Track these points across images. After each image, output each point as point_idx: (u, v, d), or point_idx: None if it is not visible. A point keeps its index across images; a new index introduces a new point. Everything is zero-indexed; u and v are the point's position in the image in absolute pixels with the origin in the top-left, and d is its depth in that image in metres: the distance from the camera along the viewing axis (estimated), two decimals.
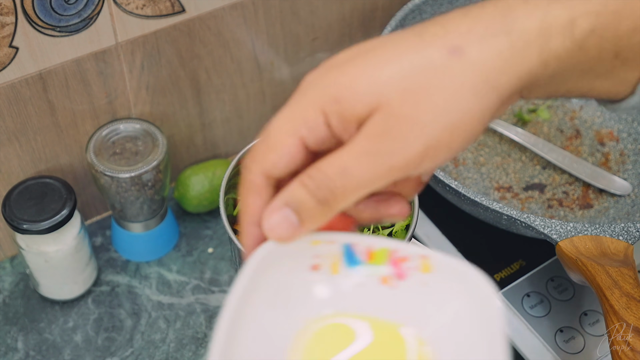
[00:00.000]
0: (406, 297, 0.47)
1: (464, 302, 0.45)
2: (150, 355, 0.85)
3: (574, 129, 0.98)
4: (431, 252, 0.46)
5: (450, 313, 0.46)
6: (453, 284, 0.46)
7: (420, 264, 0.46)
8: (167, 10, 0.81)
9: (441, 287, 0.46)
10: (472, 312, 0.45)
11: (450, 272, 0.46)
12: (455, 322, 0.46)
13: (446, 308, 0.46)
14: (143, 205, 0.87)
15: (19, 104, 0.80)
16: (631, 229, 0.75)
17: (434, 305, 0.47)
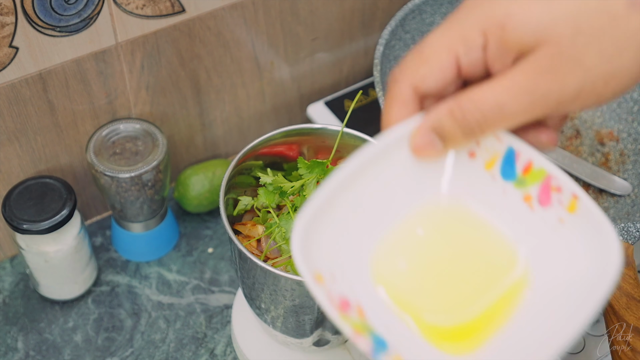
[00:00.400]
0: (537, 224, 0.47)
1: (587, 257, 0.45)
2: (150, 355, 0.85)
3: (574, 129, 0.98)
4: (584, 195, 0.45)
5: (569, 260, 0.46)
6: (587, 235, 0.45)
7: (569, 201, 0.46)
8: (167, 10, 0.81)
9: (575, 232, 0.46)
10: (589, 270, 0.44)
11: (592, 223, 0.45)
12: (569, 271, 0.46)
13: (568, 253, 0.46)
14: (143, 205, 0.87)
15: (19, 104, 0.80)
16: (631, 229, 0.75)
17: (559, 245, 0.47)
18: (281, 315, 0.71)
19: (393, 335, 0.46)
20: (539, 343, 0.45)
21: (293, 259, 0.47)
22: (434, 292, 0.48)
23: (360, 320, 0.46)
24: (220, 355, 0.86)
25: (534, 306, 0.46)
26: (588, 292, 0.44)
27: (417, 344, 0.47)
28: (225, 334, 0.87)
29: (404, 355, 0.45)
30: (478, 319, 0.47)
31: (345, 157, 0.76)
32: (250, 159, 0.74)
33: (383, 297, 0.48)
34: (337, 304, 0.45)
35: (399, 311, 0.48)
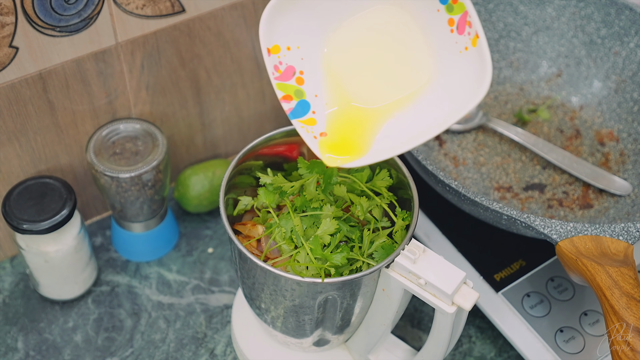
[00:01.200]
0: (451, 44, 0.61)
1: (470, 79, 0.60)
2: (150, 355, 0.85)
3: (574, 129, 0.98)
4: (484, 36, 0.58)
5: (460, 78, 0.61)
6: (476, 65, 0.59)
7: (474, 36, 0.59)
8: (167, 10, 0.81)
9: (470, 60, 0.60)
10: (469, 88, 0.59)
11: (481, 57, 0.59)
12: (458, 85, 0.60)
13: (461, 73, 0.60)
14: (143, 205, 0.87)
15: (19, 104, 0.80)
16: (631, 229, 0.75)
17: (458, 65, 0.61)
18: (281, 315, 0.71)
19: (316, 104, 0.62)
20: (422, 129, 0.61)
21: (259, 32, 0.62)
22: (362, 76, 0.63)
23: (297, 87, 0.62)
24: (220, 355, 0.86)
25: (425, 104, 0.62)
26: (464, 102, 0.59)
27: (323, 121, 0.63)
28: (225, 334, 0.87)
29: (317, 118, 0.62)
30: (384, 107, 0.63)
31: None
32: (250, 159, 0.74)
33: (323, 73, 0.63)
34: (282, 69, 0.62)
35: (331, 86, 0.63)
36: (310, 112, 0.63)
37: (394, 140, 0.62)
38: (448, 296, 0.64)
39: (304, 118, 0.63)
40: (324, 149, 0.62)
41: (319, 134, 0.63)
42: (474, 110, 0.98)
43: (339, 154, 0.62)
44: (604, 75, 0.98)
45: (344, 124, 0.64)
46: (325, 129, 0.63)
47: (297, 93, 0.63)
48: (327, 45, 0.63)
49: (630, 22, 0.95)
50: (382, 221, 0.72)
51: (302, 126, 0.62)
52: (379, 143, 0.63)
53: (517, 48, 1.00)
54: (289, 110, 0.62)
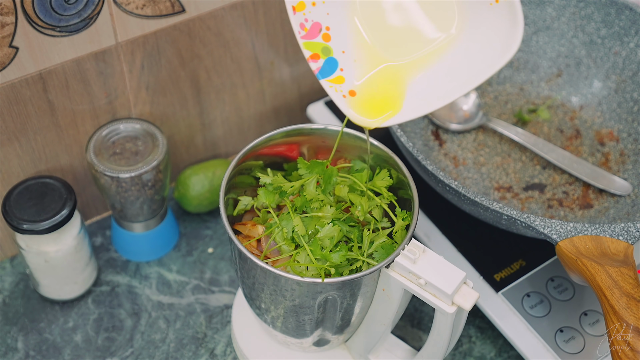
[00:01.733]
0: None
1: (501, 34, 0.58)
2: (150, 355, 0.85)
3: (574, 129, 0.98)
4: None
5: (490, 32, 0.59)
6: (507, 19, 0.58)
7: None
8: (167, 10, 0.81)
9: (500, 13, 0.58)
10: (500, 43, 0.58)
11: (512, 12, 0.57)
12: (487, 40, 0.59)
13: (491, 27, 0.59)
14: (143, 205, 0.87)
15: (19, 104, 0.80)
16: (631, 229, 0.75)
17: (487, 18, 0.59)
18: (281, 315, 0.71)
19: (344, 61, 0.60)
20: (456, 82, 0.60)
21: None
22: (389, 30, 0.61)
23: (324, 44, 0.60)
24: (220, 355, 0.86)
25: (454, 60, 0.60)
26: (495, 58, 0.58)
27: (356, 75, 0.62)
28: (225, 334, 0.87)
29: (345, 76, 0.60)
30: (412, 62, 0.61)
31: (345, 158, 0.76)
32: (250, 159, 0.74)
33: (349, 28, 0.61)
34: (308, 27, 0.60)
35: (358, 41, 0.61)
36: (338, 70, 0.62)
37: (424, 98, 0.61)
38: (448, 296, 0.64)
39: (332, 77, 0.61)
40: (353, 108, 0.61)
41: (348, 92, 0.62)
42: (474, 110, 0.98)
43: (369, 114, 0.61)
44: (604, 75, 0.98)
45: (373, 81, 0.62)
46: (354, 86, 0.62)
47: (324, 50, 0.61)
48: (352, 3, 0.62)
49: (630, 22, 0.95)
50: (382, 221, 0.72)
51: (331, 85, 0.61)
52: (409, 101, 0.62)
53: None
54: (317, 70, 0.61)
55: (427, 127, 0.97)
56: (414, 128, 0.95)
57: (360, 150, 0.75)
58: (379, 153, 0.73)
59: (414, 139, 0.94)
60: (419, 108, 0.60)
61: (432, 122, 0.98)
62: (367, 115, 0.61)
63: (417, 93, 0.62)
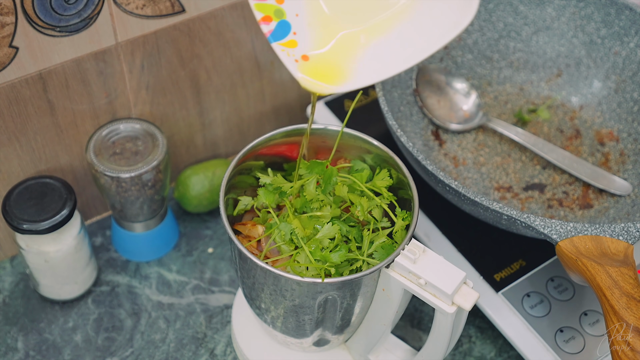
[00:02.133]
0: None
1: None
2: (150, 355, 0.85)
3: (574, 129, 0.98)
4: None
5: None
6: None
7: None
8: (167, 10, 0.81)
9: None
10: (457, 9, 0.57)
11: None
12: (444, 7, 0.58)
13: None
14: (143, 205, 0.87)
15: (19, 104, 0.80)
16: (631, 229, 0.75)
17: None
18: (281, 315, 0.71)
19: (297, 25, 0.58)
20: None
21: None
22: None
23: (277, 6, 0.58)
24: (220, 355, 0.86)
25: (412, 24, 0.59)
26: (451, 25, 0.56)
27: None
28: (225, 334, 0.87)
29: (298, 40, 0.57)
30: (369, 27, 0.59)
31: (345, 158, 0.76)
32: (251, 159, 0.74)
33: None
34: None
35: (312, 5, 0.59)
36: (291, 34, 0.59)
37: (381, 64, 0.59)
38: (448, 296, 0.64)
39: (284, 40, 0.59)
40: (305, 73, 0.59)
41: (301, 57, 0.59)
42: (474, 110, 0.98)
43: (322, 80, 0.59)
44: (604, 75, 0.98)
45: (326, 47, 0.60)
46: (307, 51, 0.60)
47: (277, 13, 0.59)
48: None
49: (630, 22, 0.95)
50: (382, 221, 0.72)
51: (283, 49, 0.59)
52: (364, 67, 0.60)
53: (517, 48, 1.00)
54: (268, 33, 0.59)
55: (427, 127, 0.97)
56: (414, 128, 0.95)
57: (360, 150, 0.75)
58: (379, 153, 0.73)
59: (414, 139, 0.94)
60: (373, 74, 0.59)
61: (432, 122, 0.98)
62: (320, 79, 0.59)
63: (371, 59, 0.60)
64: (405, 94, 0.96)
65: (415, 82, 0.96)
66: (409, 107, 0.96)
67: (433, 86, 0.98)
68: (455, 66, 1.00)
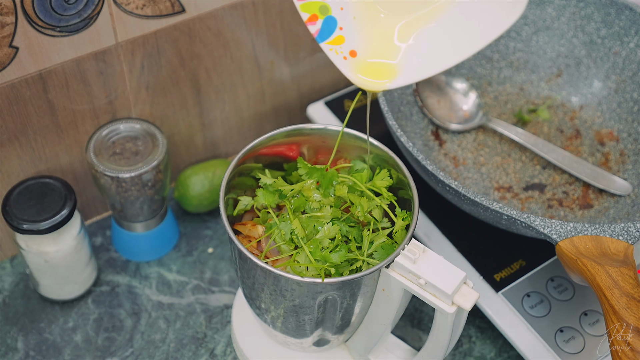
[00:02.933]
0: None
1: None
2: (150, 355, 0.85)
3: (574, 129, 0.98)
4: None
5: None
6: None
7: None
8: (167, 10, 0.81)
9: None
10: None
11: None
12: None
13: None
14: (143, 205, 0.87)
15: (19, 104, 0.80)
16: (631, 229, 0.75)
17: None
18: (281, 315, 0.71)
19: (343, 19, 0.57)
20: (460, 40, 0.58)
21: None
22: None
23: (322, 2, 0.58)
24: (220, 355, 0.86)
25: (457, 17, 0.57)
26: (501, 18, 0.55)
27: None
28: (225, 334, 0.87)
29: (345, 35, 0.57)
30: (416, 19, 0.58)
31: (345, 158, 0.76)
32: (250, 159, 0.74)
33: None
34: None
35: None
36: (338, 29, 0.59)
37: (430, 58, 0.59)
38: (448, 296, 0.64)
39: (332, 38, 0.59)
40: (356, 70, 0.58)
41: (349, 53, 0.59)
42: (474, 110, 0.98)
43: (372, 75, 0.59)
44: (604, 75, 0.98)
45: (375, 39, 0.60)
46: (354, 46, 0.59)
47: (322, 9, 0.59)
48: None
49: (630, 22, 0.95)
50: (382, 222, 0.72)
51: (331, 48, 0.59)
52: (414, 61, 0.59)
53: (517, 48, 1.00)
54: (315, 33, 0.59)
55: (427, 127, 0.97)
56: (414, 128, 0.95)
57: (360, 150, 0.75)
58: (379, 153, 0.73)
59: (414, 139, 0.94)
60: (424, 69, 0.58)
61: (432, 122, 0.98)
62: (370, 76, 0.59)
63: (421, 52, 0.59)
64: (405, 94, 0.96)
65: (415, 82, 0.96)
66: (409, 107, 0.96)
67: (433, 86, 0.98)
68: (455, 66, 1.00)
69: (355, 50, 0.59)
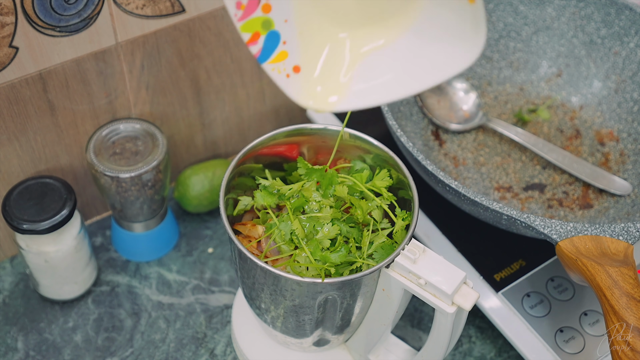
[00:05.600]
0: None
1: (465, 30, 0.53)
2: (150, 355, 0.85)
3: (574, 129, 0.98)
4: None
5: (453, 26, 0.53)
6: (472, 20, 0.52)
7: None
8: (167, 10, 0.81)
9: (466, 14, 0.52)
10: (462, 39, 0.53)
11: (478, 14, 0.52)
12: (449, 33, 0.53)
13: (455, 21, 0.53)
14: (143, 205, 0.87)
15: (19, 104, 0.80)
16: (631, 229, 0.75)
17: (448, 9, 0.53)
18: (281, 315, 0.71)
19: (287, 32, 0.54)
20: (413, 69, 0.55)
21: None
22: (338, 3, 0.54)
23: (264, 16, 0.54)
24: (220, 355, 0.86)
25: (407, 46, 0.54)
26: (455, 61, 0.52)
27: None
28: (225, 334, 0.87)
29: (289, 50, 0.54)
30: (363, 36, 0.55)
31: (345, 158, 0.76)
32: (251, 159, 0.74)
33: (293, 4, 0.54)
34: (245, 3, 0.53)
35: (302, 8, 0.54)
36: (281, 44, 0.54)
37: (375, 85, 0.55)
38: (448, 296, 0.64)
39: (274, 55, 0.54)
40: (299, 88, 0.54)
41: (292, 69, 0.55)
42: (474, 110, 0.98)
43: (315, 93, 0.55)
44: (604, 75, 0.98)
45: (321, 53, 0.55)
46: (298, 60, 0.55)
47: (265, 24, 0.54)
48: None
49: (630, 22, 0.95)
50: (382, 222, 0.72)
51: (273, 68, 0.54)
52: (360, 84, 0.55)
53: (517, 48, 1.00)
54: (257, 53, 0.54)
55: (427, 127, 0.97)
56: (414, 128, 0.95)
57: (360, 150, 0.75)
58: (379, 153, 0.73)
59: (414, 139, 0.94)
60: (371, 97, 0.54)
61: (432, 122, 0.98)
62: (314, 96, 0.55)
63: (369, 76, 0.55)
64: None
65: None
66: (409, 107, 0.96)
67: None
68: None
69: (299, 66, 0.55)
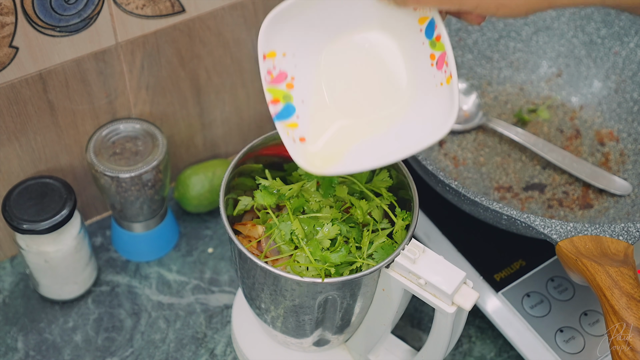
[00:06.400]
0: (429, 76, 0.65)
1: (441, 112, 0.64)
2: (150, 355, 0.85)
3: (574, 129, 0.98)
4: (456, 77, 0.63)
5: (432, 109, 0.65)
6: (447, 101, 0.63)
7: (448, 75, 0.63)
8: (167, 10, 0.81)
9: (443, 95, 0.64)
10: (439, 120, 0.63)
11: (452, 95, 0.63)
12: (429, 116, 0.65)
13: (434, 105, 0.65)
14: (143, 205, 0.87)
15: (19, 104, 0.80)
16: (631, 229, 0.75)
17: (432, 97, 0.65)
18: (281, 315, 0.71)
19: (301, 110, 0.66)
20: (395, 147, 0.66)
21: (258, 37, 0.64)
22: (347, 91, 0.68)
23: (286, 91, 0.66)
24: (220, 355, 0.86)
25: (399, 127, 0.66)
26: (431, 133, 0.63)
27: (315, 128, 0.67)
28: (225, 334, 0.87)
29: (300, 123, 0.65)
30: (363, 122, 0.67)
31: None
32: (250, 159, 0.74)
33: (313, 82, 0.67)
34: (275, 74, 0.66)
35: (318, 96, 0.67)
36: (295, 116, 0.66)
37: (366, 156, 0.66)
38: (448, 296, 0.64)
39: (288, 121, 0.65)
40: (301, 154, 0.65)
41: (299, 139, 0.65)
42: (474, 110, 0.98)
43: (314, 161, 0.65)
44: (604, 75, 0.98)
45: (324, 135, 0.67)
46: (305, 134, 0.66)
47: (285, 97, 0.66)
48: (321, 56, 0.67)
49: (630, 22, 0.95)
50: (382, 222, 0.72)
51: (284, 129, 0.65)
52: (351, 155, 0.66)
53: (517, 48, 1.00)
54: (275, 113, 0.65)
55: None
56: None
57: None
58: None
59: None
60: (358, 164, 0.65)
61: None
62: (312, 161, 0.65)
63: (360, 151, 0.66)
64: None
65: None
66: None
67: None
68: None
69: (304, 137, 0.66)
